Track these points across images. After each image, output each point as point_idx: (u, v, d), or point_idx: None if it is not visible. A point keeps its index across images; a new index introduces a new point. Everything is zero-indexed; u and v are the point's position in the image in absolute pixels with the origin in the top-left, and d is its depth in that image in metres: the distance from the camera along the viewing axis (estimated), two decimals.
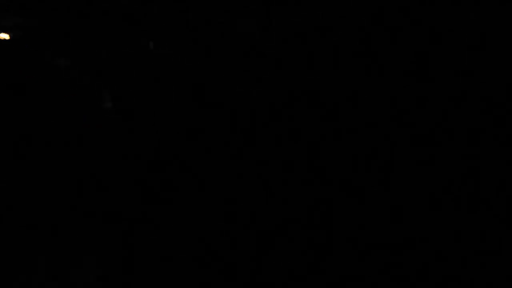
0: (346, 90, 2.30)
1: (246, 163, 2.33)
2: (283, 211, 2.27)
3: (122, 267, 2.29)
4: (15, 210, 2.38)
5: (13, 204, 2.38)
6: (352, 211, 2.22)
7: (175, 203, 2.34)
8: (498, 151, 2.17)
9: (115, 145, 2.41)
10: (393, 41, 2.27)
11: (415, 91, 2.25)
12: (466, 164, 2.19)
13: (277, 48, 2.35)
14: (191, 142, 2.37)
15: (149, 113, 2.42)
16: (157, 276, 2.27)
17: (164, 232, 2.32)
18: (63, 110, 2.47)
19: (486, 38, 2.20)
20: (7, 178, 2.41)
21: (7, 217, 2.37)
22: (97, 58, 2.48)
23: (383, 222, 2.20)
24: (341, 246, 2.20)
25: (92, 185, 2.40)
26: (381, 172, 2.24)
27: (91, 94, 2.45)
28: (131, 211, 2.34)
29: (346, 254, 2.18)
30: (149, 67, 2.43)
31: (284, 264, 2.21)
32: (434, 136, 2.23)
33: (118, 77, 2.43)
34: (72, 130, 2.45)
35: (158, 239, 2.31)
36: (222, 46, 2.40)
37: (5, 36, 2.43)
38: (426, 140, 2.23)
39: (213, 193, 2.32)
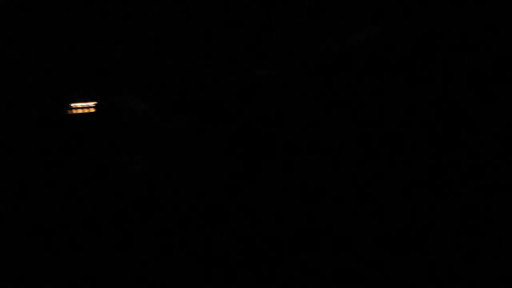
0: (347, 90, 2.30)
1: (246, 163, 2.33)
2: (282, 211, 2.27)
3: None
4: None
5: None
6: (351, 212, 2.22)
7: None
8: (497, 151, 2.18)
9: None
10: (393, 41, 2.27)
11: (416, 91, 2.26)
12: (466, 163, 2.19)
13: (281, 49, 2.35)
14: (191, 144, 2.37)
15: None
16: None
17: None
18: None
19: (486, 38, 2.20)
20: None
21: None
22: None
23: (382, 222, 2.20)
24: (341, 246, 2.20)
25: None
26: (381, 172, 2.24)
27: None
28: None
29: (346, 254, 2.18)
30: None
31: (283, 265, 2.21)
32: (434, 135, 2.24)
33: None
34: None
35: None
36: (222, 47, 2.40)
37: None
38: (426, 140, 2.24)
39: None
